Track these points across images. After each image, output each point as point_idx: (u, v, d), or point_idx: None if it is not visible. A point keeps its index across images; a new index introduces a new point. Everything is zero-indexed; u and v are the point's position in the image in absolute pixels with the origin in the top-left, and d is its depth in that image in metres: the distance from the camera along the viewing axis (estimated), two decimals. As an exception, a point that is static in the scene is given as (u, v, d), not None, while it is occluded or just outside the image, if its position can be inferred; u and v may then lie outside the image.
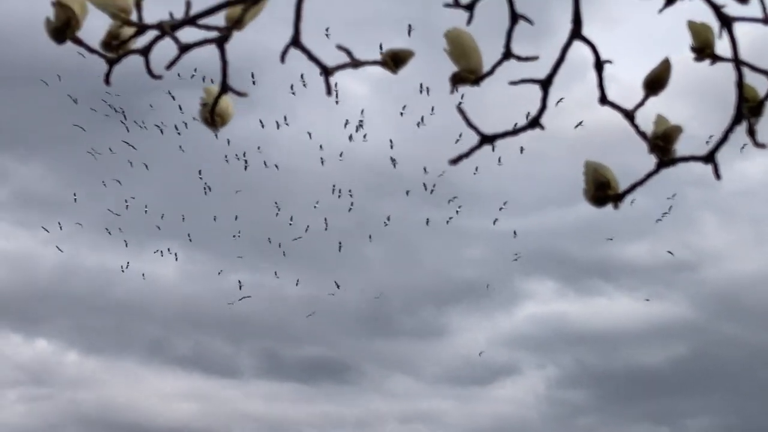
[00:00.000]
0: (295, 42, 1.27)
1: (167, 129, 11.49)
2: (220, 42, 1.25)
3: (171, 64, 1.27)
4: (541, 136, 1.40)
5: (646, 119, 1.33)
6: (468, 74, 1.37)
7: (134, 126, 11.51)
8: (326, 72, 1.29)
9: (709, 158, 1.29)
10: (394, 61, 1.34)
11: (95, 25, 1.38)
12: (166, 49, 1.35)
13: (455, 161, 1.32)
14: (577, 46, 1.32)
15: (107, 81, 1.34)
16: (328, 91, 1.31)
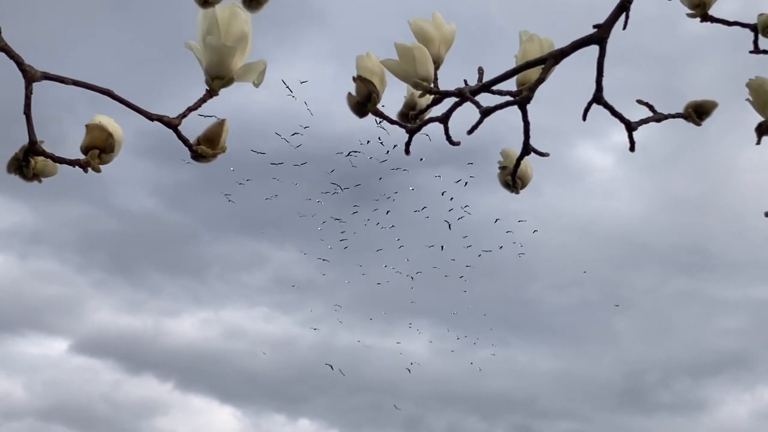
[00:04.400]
0: (597, 99, 1.24)
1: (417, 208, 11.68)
2: (522, 103, 1.24)
3: (473, 129, 1.27)
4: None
5: None
6: (776, 123, 1.30)
7: (383, 207, 11.77)
8: (629, 128, 1.26)
9: None
10: (698, 112, 1.29)
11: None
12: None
13: (772, 212, 1.24)
14: None
15: (407, 151, 1.36)
16: (632, 147, 1.27)
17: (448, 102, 1.31)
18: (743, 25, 1.36)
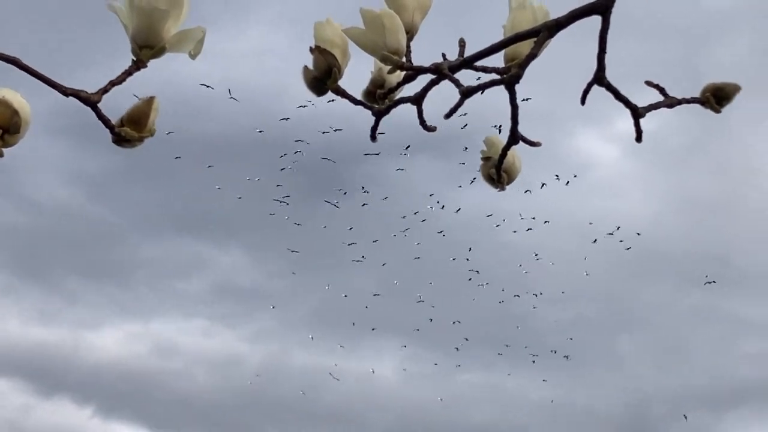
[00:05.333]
0: (599, 80, 1.26)
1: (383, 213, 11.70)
2: (510, 83, 1.25)
3: (452, 112, 1.28)
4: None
5: None
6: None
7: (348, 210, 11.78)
8: (636, 114, 1.27)
9: None
10: (717, 97, 1.31)
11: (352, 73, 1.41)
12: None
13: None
14: None
15: (374, 137, 1.36)
16: (638, 138, 1.28)
17: (423, 80, 1.32)
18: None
